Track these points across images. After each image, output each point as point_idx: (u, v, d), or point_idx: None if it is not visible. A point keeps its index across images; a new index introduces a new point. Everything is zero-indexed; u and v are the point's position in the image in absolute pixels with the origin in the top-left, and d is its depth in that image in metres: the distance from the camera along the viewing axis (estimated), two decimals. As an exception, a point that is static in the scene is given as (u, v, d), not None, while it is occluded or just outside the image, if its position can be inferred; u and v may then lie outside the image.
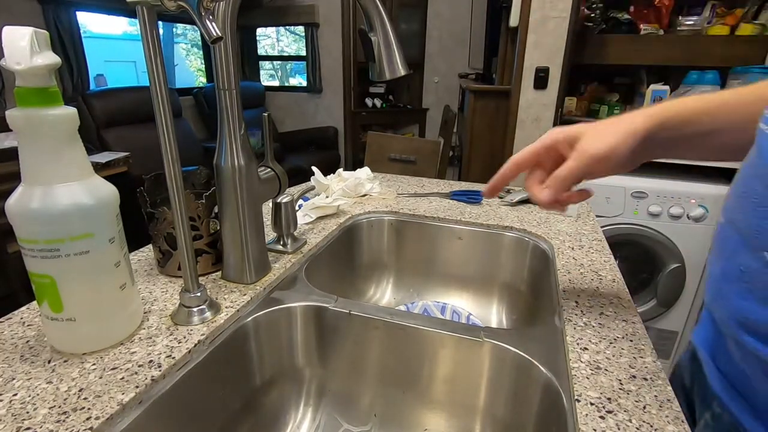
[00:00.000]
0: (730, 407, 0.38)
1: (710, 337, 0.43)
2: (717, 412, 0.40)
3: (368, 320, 0.53)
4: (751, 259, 0.32)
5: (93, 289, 0.40)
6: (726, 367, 0.40)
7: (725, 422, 0.39)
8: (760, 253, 0.31)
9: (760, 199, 0.31)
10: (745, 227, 0.33)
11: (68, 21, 2.78)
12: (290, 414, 0.57)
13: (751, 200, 0.32)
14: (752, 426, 0.36)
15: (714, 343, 0.42)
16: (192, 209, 0.54)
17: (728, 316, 0.35)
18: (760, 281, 0.31)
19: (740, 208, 0.34)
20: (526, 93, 1.91)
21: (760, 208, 0.31)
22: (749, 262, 0.32)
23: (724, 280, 0.35)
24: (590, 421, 0.36)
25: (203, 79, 5.20)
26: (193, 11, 0.36)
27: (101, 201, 0.39)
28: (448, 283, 0.85)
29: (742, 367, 0.36)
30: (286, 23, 4.38)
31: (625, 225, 1.64)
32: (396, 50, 0.52)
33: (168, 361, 0.41)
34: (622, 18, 1.81)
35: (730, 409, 0.38)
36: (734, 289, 0.34)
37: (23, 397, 0.36)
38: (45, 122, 0.35)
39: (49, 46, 0.35)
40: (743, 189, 0.35)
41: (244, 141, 0.52)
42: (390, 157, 1.96)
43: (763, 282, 0.31)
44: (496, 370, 0.49)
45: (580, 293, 0.56)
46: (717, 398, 0.40)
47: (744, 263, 0.33)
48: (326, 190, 0.92)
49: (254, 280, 0.57)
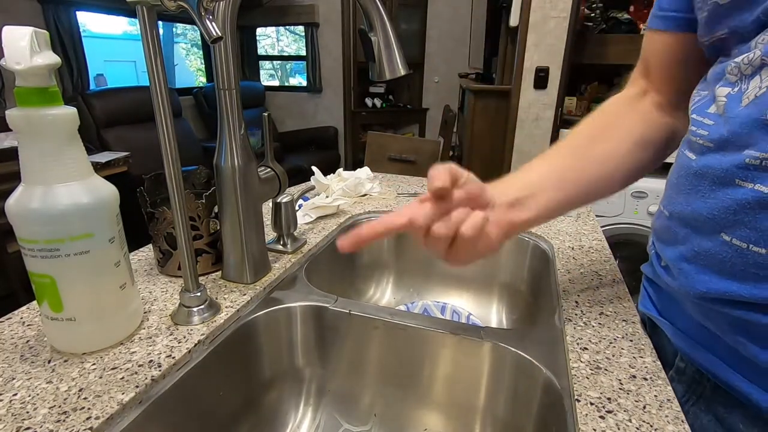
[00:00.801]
0: (693, 358, 0.42)
1: (663, 304, 0.47)
2: (680, 366, 0.45)
3: (368, 320, 0.53)
4: (706, 241, 0.36)
5: (93, 288, 0.40)
6: (685, 326, 0.44)
7: (689, 374, 0.43)
8: (716, 236, 0.35)
9: (706, 192, 0.36)
10: (693, 218, 0.37)
11: (68, 21, 2.78)
12: (290, 414, 0.57)
13: (700, 194, 0.37)
14: (717, 368, 0.40)
15: (669, 308, 0.46)
16: (192, 209, 0.54)
17: (688, 290, 0.39)
18: (716, 258, 0.36)
19: (685, 201, 0.39)
20: (526, 93, 1.91)
21: (710, 200, 0.35)
22: (704, 244, 0.36)
23: (682, 260, 0.39)
24: (590, 421, 0.36)
25: (203, 79, 5.20)
26: (193, 11, 0.36)
27: (101, 201, 0.39)
28: (448, 283, 0.85)
29: (705, 324, 0.40)
30: (286, 23, 4.38)
31: (625, 225, 1.64)
32: (396, 50, 0.52)
33: (168, 360, 0.41)
34: (622, 18, 1.81)
35: (693, 359, 0.43)
36: (692, 268, 0.38)
37: (23, 396, 0.36)
38: (45, 122, 0.35)
39: (49, 46, 0.35)
40: (687, 184, 0.39)
41: (244, 141, 0.52)
42: (390, 157, 1.96)
43: (718, 259, 0.35)
44: (496, 370, 0.49)
45: (580, 293, 0.56)
46: (679, 353, 0.45)
47: (698, 246, 0.37)
48: (326, 190, 0.92)
49: (254, 280, 0.57)
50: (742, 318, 0.35)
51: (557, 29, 1.77)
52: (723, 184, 0.34)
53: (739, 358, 0.37)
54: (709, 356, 0.41)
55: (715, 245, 0.35)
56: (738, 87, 0.34)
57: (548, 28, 1.79)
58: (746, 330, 0.35)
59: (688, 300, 0.40)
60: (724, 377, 0.39)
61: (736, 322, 0.36)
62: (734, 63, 0.34)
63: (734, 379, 0.38)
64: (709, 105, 0.38)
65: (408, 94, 4.33)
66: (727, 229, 0.34)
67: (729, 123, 0.34)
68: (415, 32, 3.99)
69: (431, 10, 3.97)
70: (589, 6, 1.83)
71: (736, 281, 0.34)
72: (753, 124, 0.32)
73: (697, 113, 0.39)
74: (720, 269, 0.35)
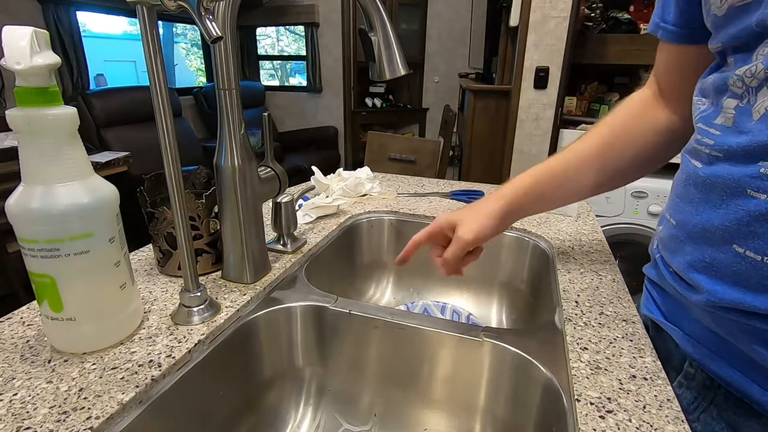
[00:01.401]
0: (704, 364, 0.42)
1: (670, 309, 0.47)
2: (689, 372, 0.44)
3: (368, 320, 0.53)
4: (717, 251, 0.36)
5: (93, 288, 0.40)
6: (694, 331, 0.43)
7: (699, 380, 0.43)
8: (728, 247, 0.35)
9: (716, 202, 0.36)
10: (703, 227, 0.37)
11: (68, 21, 2.78)
12: (290, 413, 0.57)
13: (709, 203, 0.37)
14: (731, 376, 0.39)
15: (675, 312, 0.46)
16: (192, 209, 0.54)
17: (698, 298, 0.39)
18: (728, 269, 0.35)
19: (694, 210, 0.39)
20: (526, 93, 1.91)
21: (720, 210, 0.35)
22: (715, 255, 0.36)
23: (692, 270, 0.39)
24: (590, 420, 0.36)
25: (203, 79, 5.20)
26: (193, 11, 0.36)
27: (101, 201, 0.39)
28: (448, 283, 0.85)
29: (715, 330, 0.40)
30: (285, 23, 4.38)
31: (625, 225, 1.64)
32: (396, 50, 0.52)
33: (168, 360, 0.41)
34: (622, 18, 1.81)
35: (705, 366, 0.42)
36: (702, 278, 0.38)
37: (23, 396, 0.36)
38: (45, 122, 0.35)
39: (49, 46, 0.35)
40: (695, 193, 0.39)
41: (244, 141, 0.52)
42: (390, 156, 1.96)
43: (731, 270, 0.35)
44: (496, 369, 0.49)
45: (580, 293, 0.57)
46: (689, 360, 0.44)
47: (709, 256, 0.37)
48: (326, 189, 0.92)
49: (254, 279, 0.57)
50: (757, 327, 0.34)
51: (557, 29, 1.77)
52: (734, 194, 0.34)
53: (754, 366, 0.37)
54: (722, 364, 0.40)
55: (727, 256, 0.35)
56: (746, 99, 0.34)
57: (548, 28, 1.79)
58: (762, 340, 0.35)
59: (696, 306, 0.40)
60: (739, 386, 0.38)
61: (750, 331, 0.35)
62: (736, 75, 0.34)
63: (751, 389, 0.37)
64: (715, 116, 0.37)
65: (408, 94, 4.33)
66: (740, 240, 0.34)
67: (741, 136, 0.34)
68: (415, 32, 3.99)
69: (431, 10, 3.97)
70: (589, 6, 1.83)
71: (750, 293, 0.34)
72: None
73: (702, 122, 0.39)
74: (733, 280, 0.35)
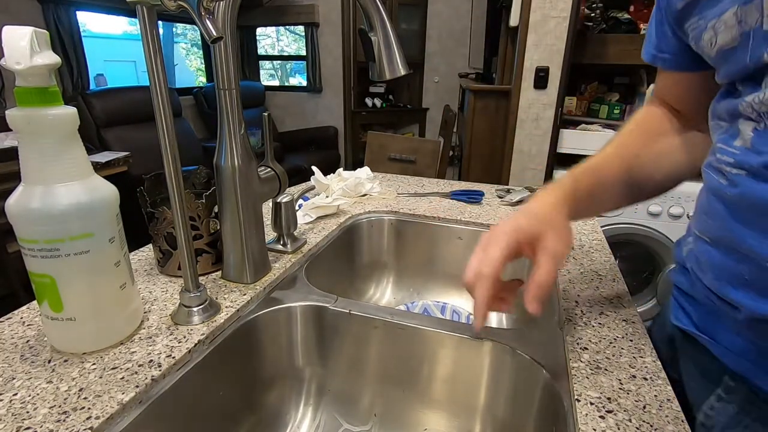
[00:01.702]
0: (747, 376, 0.40)
1: (703, 320, 0.46)
2: (731, 385, 0.42)
3: (368, 320, 0.53)
4: (755, 268, 0.35)
5: (93, 288, 0.40)
6: (732, 342, 0.42)
7: (742, 394, 0.41)
8: (764, 262, 0.34)
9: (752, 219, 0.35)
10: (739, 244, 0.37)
11: (68, 21, 2.78)
12: (290, 413, 0.57)
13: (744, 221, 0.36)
14: None
15: (709, 322, 0.45)
16: (192, 209, 0.54)
17: (738, 313, 0.38)
18: (766, 282, 0.34)
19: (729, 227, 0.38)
20: (526, 93, 1.91)
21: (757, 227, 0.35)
22: (755, 271, 0.35)
23: (728, 286, 0.38)
24: (590, 420, 0.36)
25: (203, 79, 5.20)
26: (193, 11, 0.36)
27: (101, 201, 0.39)
28: (448, 283, 0.85)
29: (757, 342, 0.38)
30: (285, 23, 4.38)
31: (625, 225, 1.64)
32: (396, 50, 0.52)
33: (168, 360, 0.41)
34: (622, 18, 1.81)
35: (747, 378, 0.40)
36: (742, 294, 0.37)
37: (23, 396, 0.36)
38: (45, 122, 0.35)
39: (49, 46, 0.35)
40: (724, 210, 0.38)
41: (244, 141, 0.52)
42: (390, 156, 1.96)
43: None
44: (496, 370, 0.49)
45: (580, 293, 0.57)
46: (729, 373, 0.42)
47: (747, 272, 0.36)
48: (326, 189, 0.92)
49: (254, 279, 0.57)
50: None
51: (557, 29, 1.77)
52: (763, 213, 0.34)
53: None
54: (761, 372, 0.39)
55: (762, 271, 0.34)
56: (762, 123, 0.34)
57: (548, 28, 1.79)
58: None
59: (735, 320, 0.39)
60: None
61: None
62: (745, 102, 0.35)
63: None
64: (734, 138, 0.37)
65: (408, 94, 4.33)
66: None
67: (761, 156, 0.34)
68: (415, 32, 3.99)
69: (431, 10, 3.96)
70: (589, 6, 1.83)
71: None
72: None
73: (722, 143, 0.39)
74: None
